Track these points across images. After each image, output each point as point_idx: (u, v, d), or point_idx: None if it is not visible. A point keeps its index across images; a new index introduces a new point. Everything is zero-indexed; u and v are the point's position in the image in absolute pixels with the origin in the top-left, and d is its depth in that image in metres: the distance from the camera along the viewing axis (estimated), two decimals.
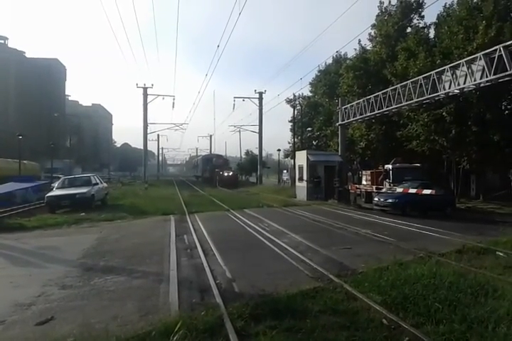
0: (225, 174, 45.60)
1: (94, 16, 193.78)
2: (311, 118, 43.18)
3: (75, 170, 56.98)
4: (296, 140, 42.07)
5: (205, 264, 8.11)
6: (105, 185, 24.68)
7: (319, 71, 42.90)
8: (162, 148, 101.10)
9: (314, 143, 43.34)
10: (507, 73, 13.59)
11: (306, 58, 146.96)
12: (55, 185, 21.20)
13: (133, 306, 5.77)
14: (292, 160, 39.58)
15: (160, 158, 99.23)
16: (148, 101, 48.82)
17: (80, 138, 73.27)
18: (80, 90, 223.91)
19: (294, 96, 45.87)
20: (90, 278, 7.28)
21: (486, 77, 14.51)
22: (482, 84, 15.34)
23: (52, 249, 10.36)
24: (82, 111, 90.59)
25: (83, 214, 16.92)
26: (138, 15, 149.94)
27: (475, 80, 15.15)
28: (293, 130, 43.55)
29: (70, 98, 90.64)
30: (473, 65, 15.23)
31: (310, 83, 44.33)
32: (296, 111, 43.77)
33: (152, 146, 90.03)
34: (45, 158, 48.52)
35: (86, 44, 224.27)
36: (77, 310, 5.66)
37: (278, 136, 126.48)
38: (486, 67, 14.47)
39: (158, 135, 74.45)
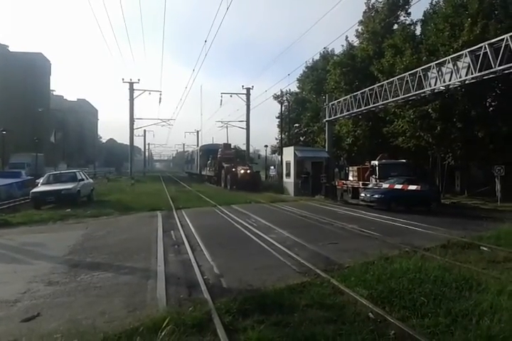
0: (241, 171, 31.28)
1: (79, 10, 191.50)
2: (299, 115, 43.24)
3: (60, 165, 55.73)
4: (283, 136, 42.15)
5: (193, 260, 8.10)
6: (91, 180, 24.40)
7: (307, 67, 43.09)
8: (149, 144, 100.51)
9: (301, 139, 43.41)
10: (492, 70, 13.78)
11: (294, 54, 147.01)
12: (41, 180, 20.94)
13: (120, 302, 5.75)
14: (280, 156, 39.64)
15: (146, 153, 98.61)
16: (134, 96, 48.29)
17: (65, 133, 72.05)
18: (65, 85, 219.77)
19: (282, 92, 45.81)
20: (77, 275, 7.23)
21: (472, 73, 14.69)
22: (467, 81, 15.54)
23: (37, 245, 10.24)
24: (67, 106, 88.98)
25: (69, 210, 16.72)
26: (124, 9, 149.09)
27: (460, 77, 15.34)
28: (280, 126, 43.57)
29: (54, 93, 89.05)
30: (458, 62, 15.41)
31: (297, 79, 44.39)
32: (283, 107, 43.75)
33: (139, 142, 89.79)
34: (9, 152, 44.17)
35: (71, 38, 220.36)
36: (63, 307, 5.61)
37: (265, 132, 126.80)
38: (471, 64, 14.65)
39: (144, 130, 73.80)
